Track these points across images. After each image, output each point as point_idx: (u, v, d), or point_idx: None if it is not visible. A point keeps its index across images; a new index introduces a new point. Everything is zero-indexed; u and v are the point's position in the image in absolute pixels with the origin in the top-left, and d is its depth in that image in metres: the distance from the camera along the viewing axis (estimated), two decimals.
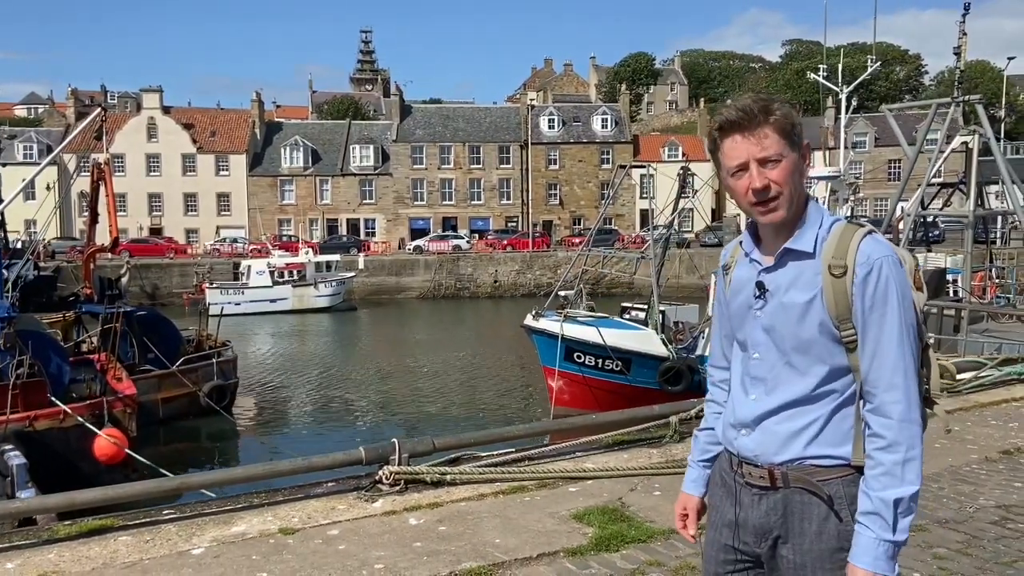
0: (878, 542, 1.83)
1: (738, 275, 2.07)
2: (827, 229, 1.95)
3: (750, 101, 1.94)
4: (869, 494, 1.85)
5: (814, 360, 1.92)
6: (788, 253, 1.96)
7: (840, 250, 1.90)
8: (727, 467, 2.08)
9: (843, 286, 1.88)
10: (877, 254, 1.88)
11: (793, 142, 1.93)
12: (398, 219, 66.96)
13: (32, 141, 62.98)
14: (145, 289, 47.19)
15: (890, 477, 1.84)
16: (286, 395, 25.09)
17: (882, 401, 1.87)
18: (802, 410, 1.94)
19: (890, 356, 1.86)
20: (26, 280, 21.09)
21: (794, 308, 1.92)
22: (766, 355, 1.97)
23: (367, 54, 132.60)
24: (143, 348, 20.59)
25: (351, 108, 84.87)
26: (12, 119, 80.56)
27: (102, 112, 22.07)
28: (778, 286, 1.96)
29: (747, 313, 2.02)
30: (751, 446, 1.99)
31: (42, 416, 14.44)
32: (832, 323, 1.90)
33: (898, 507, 1.83)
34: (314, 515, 4.63)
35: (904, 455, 1.84)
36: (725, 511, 2.08)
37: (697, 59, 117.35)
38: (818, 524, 1.92)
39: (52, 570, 3.92)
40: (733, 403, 2.08)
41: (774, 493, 1.96)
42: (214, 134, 67.43)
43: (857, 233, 1.92)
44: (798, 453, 1.93)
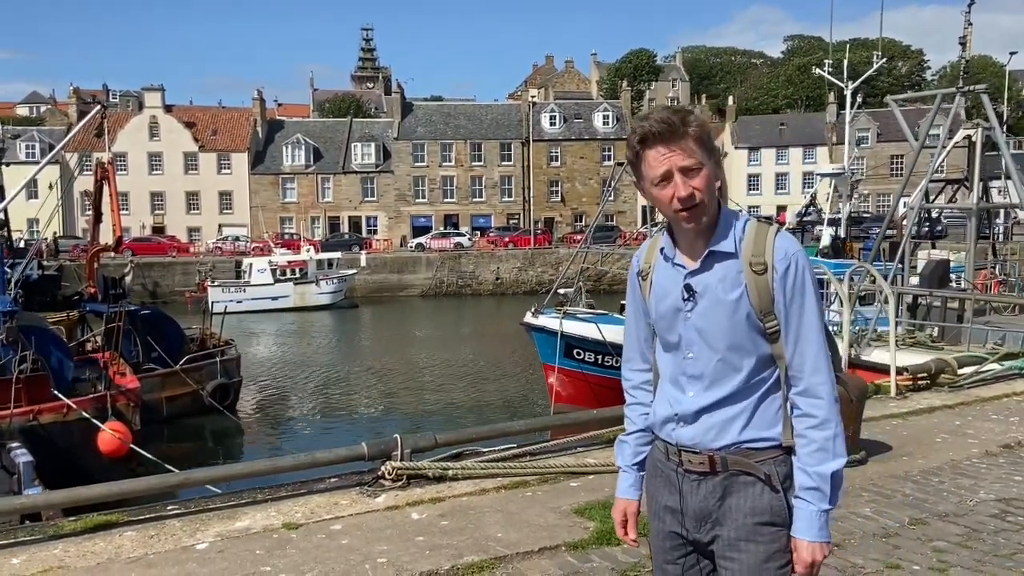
0: (818, 513, 1.98)
1: (660, 280, 2.14)
2: (742, 229, 2.07)
3: (669, 113, 2.02)
4: (807, 470, 2.00)
5: (744, 353, 2.04)
6: (712, 255, 2.06)
7: (758, 248, 2.03)
8: (662, 457, 2.16)
9: (765, 281, 2.02)
10: (792, 249, 2.03)
11: (709, 150, 2.03)
12: (400, 217, 66.97)
13: (34, 140, 62.98)
14: (147, 287, 47.26)
15: (824, 452, 1.99)
16: (289, 392, 25.13)
17: (810, 383, 2.02)
18: (738, 400, 2.05)
19: (812, 342, 2.03)
20: (30, 279, 21.10)
21: (724, 306, 2.03)
22: (700, 353, 2.06)
23: (368, 52, 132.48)
24: (147, 347, 20.66)
25: (352, 106, 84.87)
26: (14, 118, 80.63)
27: (102, 110, 22.10)
28: (706, 287, 2.05)
29: (676, 316, 2.09)
30: (690, 434, 2.08)
31: (46, 410, 14.50)
32: (757, 316, 2.03)
33: (835, 479, 1.99)
34: (317, 510, 4.66)
35: (834, 431, 2.01)
36: (665, 500, 2.15)
37: (698, 55, 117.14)
38: (752, 501, 2.03)
39: (57, 565, 3.95)
40: (668, 401, 2.14)
41: (713, 477, 2.06)
42: (216, 132, 67.44)
43: (770, 231, 2.07)
44: (734, 438, 2.04)
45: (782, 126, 73.10)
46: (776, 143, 71.59)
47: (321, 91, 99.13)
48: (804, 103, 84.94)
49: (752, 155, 71.66)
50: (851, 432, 5.42)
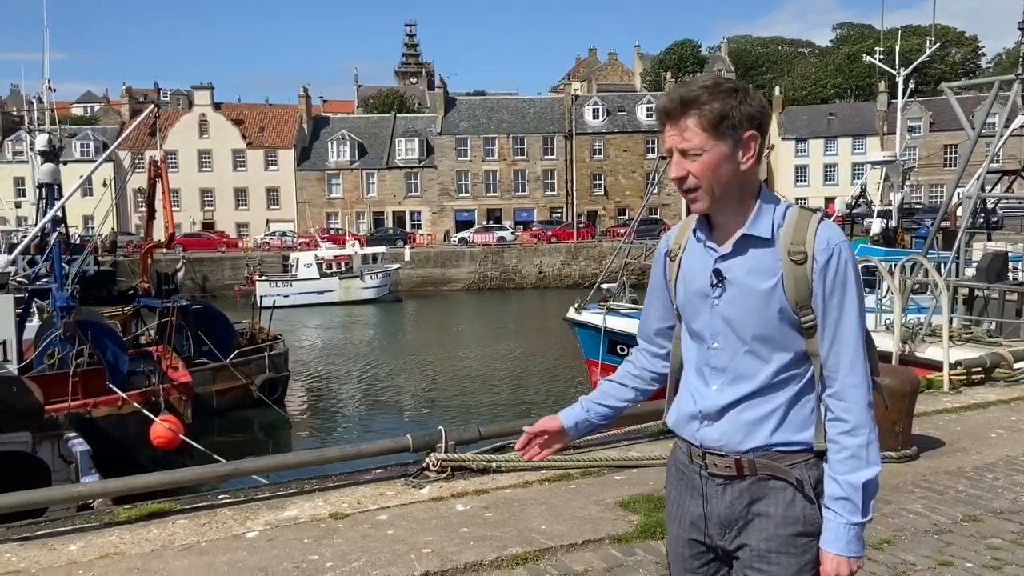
0: (848, 526, 1.84)
1: (689, 263, 2.02)
2: (781, 215, 1.93)
3: (684, 90, 1.91)
4: (837, 479, 1.86)
5: (775, 347, 1.91)
6: (746, 239, 1.93)
7: (798, 236, 1.89)
8: (685, 460, 2.03)
9: (804, 272, 1.88)
10: (835, 239, 1.89)
11: (721, 134, 1.88)
12: (443, 211, 67.34)
13: (89, 139, 64.77)
14: (197, 282, 48.30)
15: (856, 460, 1.86)
16: (335, 386, 25.49)
17: (844, 385, 1.88)
18: (766, 398, 1.92)
19: (850, 341, 1.88)
20: (86, 275, 21.71)
21: (755, 296, 1.90)
22: (726, 344, 1.94)
23: (412, 47, 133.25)
24: (198, 341, 21.14)
25: (396, 102, 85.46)
26: (69, 118, 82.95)
27: (155, 109, 22.59)
28: (736, 273, 1.92)
29: (703, 302, 1.97)
30: (715, 436, 1.95)
31: (101, 403, 14.91)
32: (792, 309, 1.89)
33: (867, 489, 1.86)
34: (363, 500, 4.73)
35: (867, 437, 1.87)
36: (688, 505, 2.03)
37: (744, 45, 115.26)
38: (784, 508, 1.90)
39: (113, 551, 4.07)
40: (691, 394, 2.02)
41: (740, 482, 1.93)
42: (263, 130, 68.57)
43: (813, 219, 1.92)
44: (764, 440, 1.91)
45: (831, 116, 71.64)
46: (824, 133, 70.20)
47: (365, 87, 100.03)
48: (854, 92, 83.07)
49: (799, 146, 70.40)
50: (902, 428, 5.31)
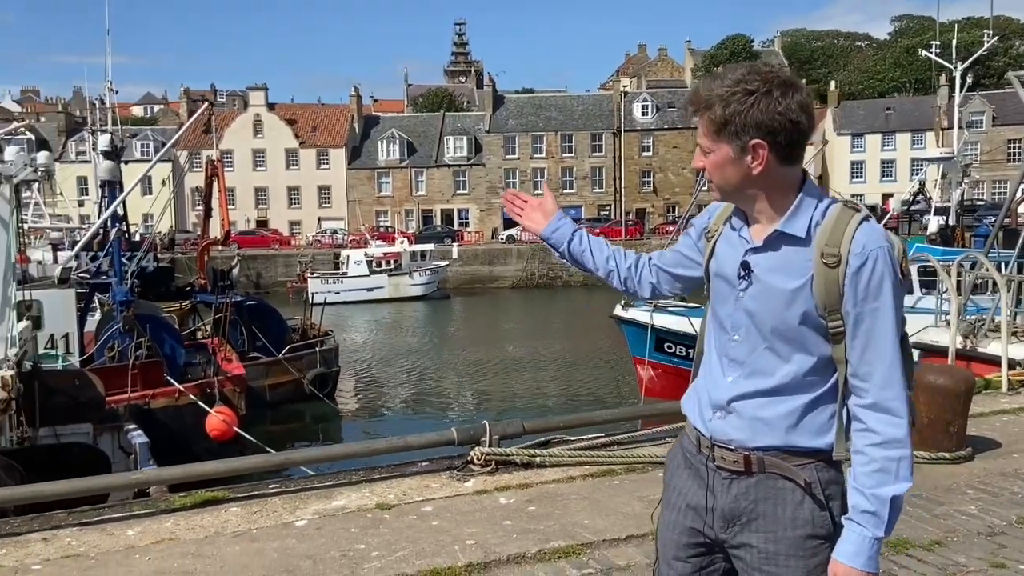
0: (872, 541, 1.78)
1: (723, 249, 1.98)
2: (822, 213, 1.86)
3: (701, 88, 1.89)
4: (863, 491, 1.79)
5: (797, 348, 1.86)
6: (780, 236, 1.87)
7: (835, 237, 1.81)
8: (693, 450, 2.00)
9: (836, 276, 1.80)
10: (873, 244, 1.80)
11: (724, 138, 1.85)
12: (491, 209, 67.57)
13: (148, 139, 66.65)
14: (251, 279, 49.32)
15: (885, 474, 1.79)
16: (383, 380, 25.81)
17: (880, 398, 1.80)
18: (781, 398, 1.88)
19: (886, 352, 1.80)
20: (146, 270, 22.37)
21: (781, 294, 1.84)
22: (747, 338, 1.90)
23: (461, 46, 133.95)
24: (252, 336, 21.63)
25: (445, 100, 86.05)
26: (130, 119, 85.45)
27: (209, 107, 23.18)
28: (764, 269, 1.87)
29: (730, 292, 1.94)
30: (726, 430, 1.91)
31: (159, 395, 15.34)
32: (819, 313, 1.82)
33: (894, 504, 1.79)
34: (409, 492, 4.80)
35: (900, 452, 1.79)
36: (690, 494, 2.00)
37: (799, 39, 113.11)
38: (792, 510, 1.86)
39: (169, 537, 4.21)
40: (707, 382, 1.99)
41: (747, 478, 1.89)
42: (315, 129, 69.70)
43: (853, 219, 1.83)
44: (775, 440, 1.87)
45: (888, 111, 69.83)
46: (882, 128, 68.46)
47: (415, 86, 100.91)
48: (913, 86, 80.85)
49: (856, 141, 68.80)
50: (956, 428, 5.19)
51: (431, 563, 3.79)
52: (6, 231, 11.01)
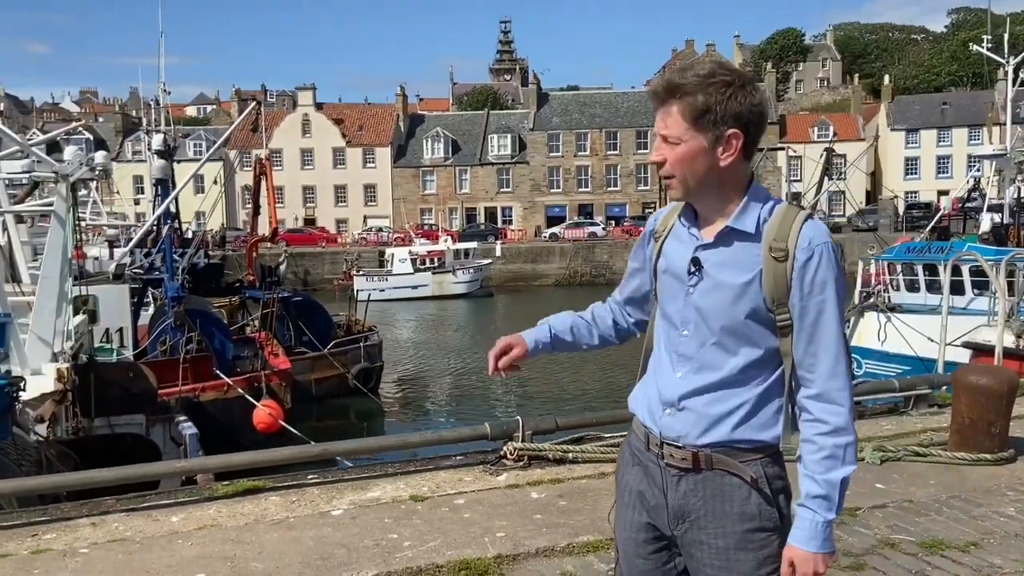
0: (824, 524, 1.84)
1: (671, 247, 2.01)
2: (769, 210, 1.90)
3: (673, 76, 1.88)
4: (814, 477, 1.85)
5: (744, 342, 1.89)
6: (730, 232, 1.90)
7: (782, 233, 1.86)
8: (641, 447, 2.02)
9: (783, 269, 1.85)
10: (818, 240, 1.85)
11: (701, 127, 1.86)
12: (534, 207, 67.59)
13: (201, 139, 68.21)
14: (299, 276, 50.13)
15: (833, 460, 1.85)
16: (426, 376, 26.07)
17: (826, 388, 1.86)
18: (729, 392, 1.91)
19: (831, 344, 1.86)
20: (196, 267, 22.92)
21: (730, 289, 1.88)
22: (696, 333, 1.93)
23: (506, 44, 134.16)
24: (298, 331, 22.02)
25: (489, 98, 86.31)
26: (183, 119, 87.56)
27: (257, 106, 23.63)
28: (714, 264, 1.91)
29: (679, 289, 1.96)
30: (675, 426, 1.94)
31: (208, 388, 15.73)
32: (768, 306, 1.87)
33: (843, 487, 1.86)
34: (442, 485, 4.88)
35: (847, 439, 1.86)
36: (641, 491, 2.02)
37: (852, 33, 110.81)
38: (739, 505, 1.90)
39: (211, 523, 4.35)
40: (657, 379, 2.02)
41: (695, 474, 1.92)
42: (362, 128, 70.54)
43: (799, 216, 1.89)
44: (723, 436, 1.90)
45: (944, 105, 67.99)
46: (937, 124, 66.70)
47: (460, 85, 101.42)
48: (970, 80, 78.58)
49: (910, 137, 67.14)
50: (999, 429, 5.08)
51: (461, 554, 3.86)
52: (63, 228, 11.42)
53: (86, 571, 3.76)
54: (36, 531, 4.30)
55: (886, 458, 5.15)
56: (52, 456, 7.76)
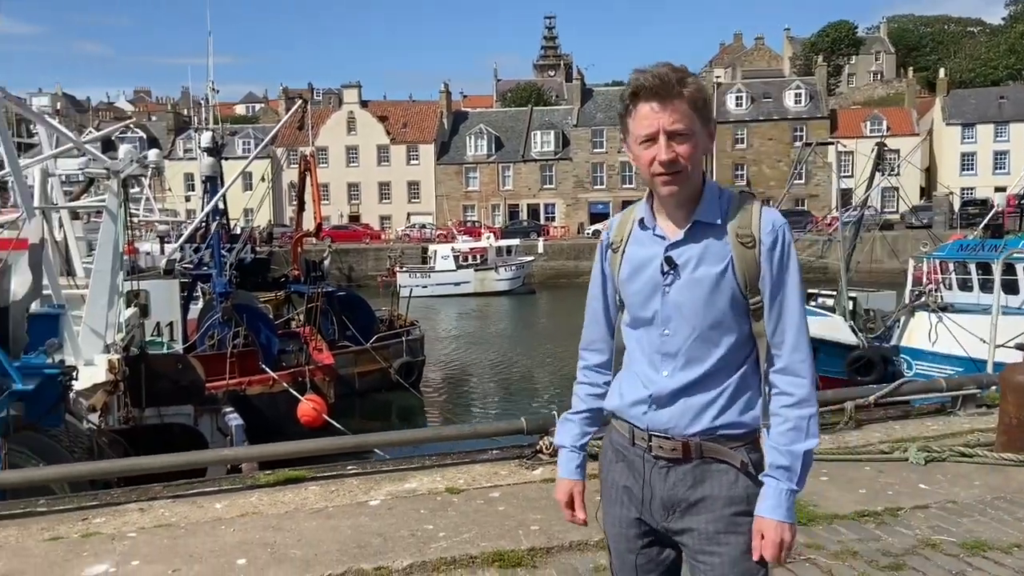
0: (788, 493, 1.90)
1: (636, 253, 2.02)
2: (727, 200, 1.97)
3: (667, 69, 1.89)
4: (779, 448, 1.91)
5: (723, 331, 1.94)
6: (697, 225, 1.95)
7: (744, 220, 1.93)
8: (625, 443, 2.03)
9: (752, 255, 1.92)
10: (779, 223, 1.95)
11: (703, 117, 1.92)
12: (577, 203, 67.37)
13: (249, 137, 69.38)
14: (344, 272, 50.73)
15: (797, 432, 1.91)
16: (466, 371, 26.22)
17: (791, 361, 1.93)
18: (714, 381, 1.95)
19: (794, 319, 1.94)
20: (244, 262, 23.37)
21: (706, 281, 1.92)
22: (677, 330, 1.95)
23: (550, 40, 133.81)
24: (342, 325, 22.33)
25: (533, 95, 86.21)
26: (232, 117, 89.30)
27: (303, 104, 23.99)
28: (687, 260, 1.94)
29: (655, 290, 1.97)
30: (664, 419, 1.96)
31: (254, 382, 16.04)
32: (741, 292, 1.92)
33: (806, 459, 1.92)
34: (478, 478, 4.93)
35: (810, 410, 1.93)
36: (627, 486, 2.03)
37: (906, 25, 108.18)
38: (727, 489, 1.94)
39: (252, 511, 4.47)
40: (640, 381, 2.01)
41: (684, 464, 1.95)
42: (406, 125, 71.06)
43: (755, 203, 1.98)
44: (710, 423, 1.94)
45: (1002, 99, 65.91)
46: (995, 118, 64.68)
47: (504, 81, 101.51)
48: None
49: (966, 132, 65.22)
50: None
51: (495, 545, 3.89)
52: (115, 223, 11.76)
53: (133, 554, 3.89)
54: (86, 515, 4.46)
55: (931, 458, 5.05)
56: (103, 444, 8.00)
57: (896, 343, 17.91)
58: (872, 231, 26.45)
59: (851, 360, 17.54)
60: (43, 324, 7.41)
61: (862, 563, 3.68)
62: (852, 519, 4.20)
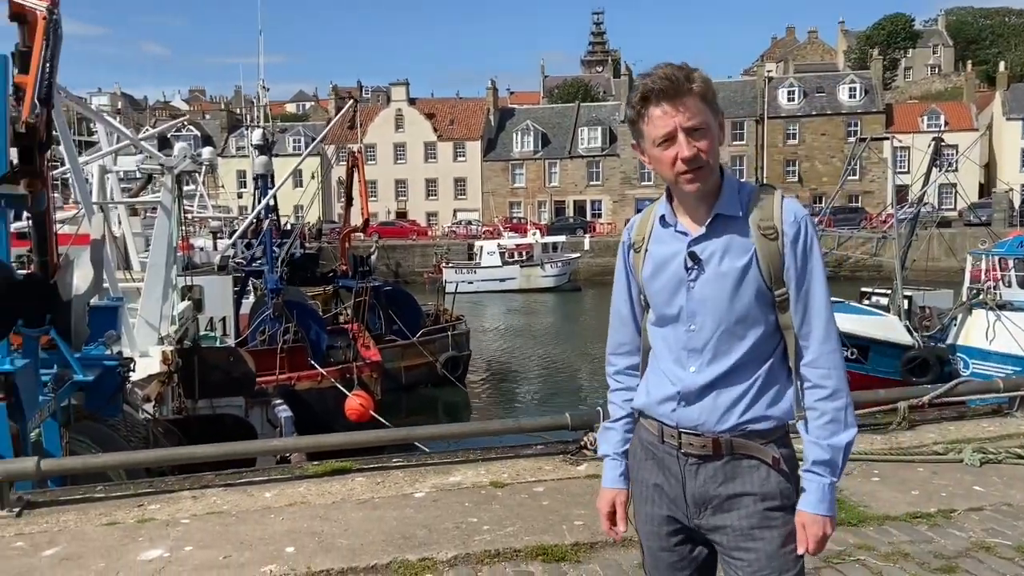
0: (830, 487, 1.90)
1: (658, 251, 2.01)
2: (747, 193, 1.97)
3: (673, 69, 1.89)
4: (819, 442, 1.91)
5: (750, 324, 1.93)
6: (719, 219, 1.94)
7: (766, 212, 1.93)
8: (655, 440, 2.02)
9: (776, 247, 1.91)
10: (801, 213, 1.95)
11: (714, 110, 1.92)
12: (624, 200, 66.90)
13: (300, 135, 70.54)
14: (391, 268, 51.27)
15: (836, 424, 1.91)
16: (511, 366, 26.30)
17: (820, 353, 1.93)
18: (742, 376, 1.94)
19: (821, 310, 1.94)
20: (294, 258, 23.79)
21: (730, 275, 1.92)
22: (704, 324, 1.94)
23: (598, 35, 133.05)
24: (388, 320, 22.60)
25: (580, 91, 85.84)
26: (283, 115, 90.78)
27: (354, 104, 24.33)
28: (711, 254, 1.93)
29: (678, 286, 1.97)
30: (693, 415, 1.95)
31: (303, 377, 16.31)
32: (767, 285, 1.92)
33: (846, 451, 1.92)
34: (522, 473, 4.94)
35: (845, 401, 1.93)
36: (658, 484, 2.03)
37: (965, 18, 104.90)
38: (759, 485, 1.93)
39: (300, 501, 4.55)
40: (667, 379, 2.00)
41: (715, 461, 1.95)
42: (453, 123, 71.43)
43: (776, 194, 1.96)
44: (740, 419, 1.93)
45: None
46: None
47: (551, 77, 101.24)
48: None
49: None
50: None
51: (539, 540, 3.90)
52: (169, 218, 12.07)
53: (186, 540, 4.00)
54: (142, 501, 4.60)
55: (986, 460, 4.92)
56: (159, 433, 8.23)
57: (952, 342, 17.47)
58: (928, 228, 25.76)
59: (906, 360, 17.14)
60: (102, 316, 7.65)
61: (913, 565, 3.60)
62: (904, 520, 4.11)
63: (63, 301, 5.99)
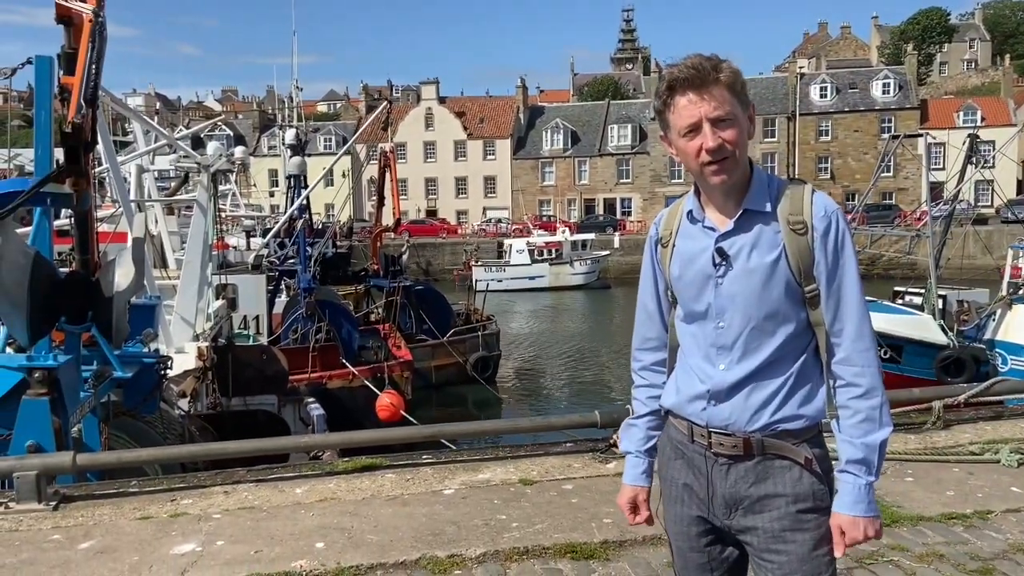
0: (867, 487, 1.86)
1: (686, 246, 1.98)
2: (776, 187, 1.93)
3: (700, 59, 1.85)
4: (853, 441, 1.87)
5: (780, 321, 1.89)
6: (747, 214, 1.90)
7: (795, 207, 1.89)
8: (684, 440, 1.99)
9: (806, 242, 1.87)
10: (831, 207, 1.91)
11: (743, 102, 1.88)
12: (654, 198, 66.48)
13: (331, 134, 71.13)
14: (421, 266, 51.51)
15: (871, 422, 1.87)
16: (541, 366, 26.28)
17: (854, 350, 1.88)
18: (773, 373, 1.90)
19: (854, 306, 1.89)
20: (325, 256, 24.01)
21: (759, 270, 1.88)
22: (732, 321, 1.90)
23: (628, 32, 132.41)
24: (419, 319, 22.70)
25: (610, 88, 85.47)
26: (315, 114, 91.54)
27: (388, 105, 24.50)
28: (739, 249, 1.90)
29: (706, 282, 1.93)
30: (724, 415, 1.91)
31: (335, 376, 16.45)
32: (796, 280, 1.88)
33: (882, 449, 1.87)
34: (551, 470, 4.94)
35: (880, 399, 1.88)
36: (687, 484, 1.99)
37: (1003, 11, 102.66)
38: (792, 486, 1.89)
39: (331, 496, 4.59)
40: (696, 376, 1.97)
41: (746, 461, 1.91)
42: (482, 121, 71.53)
43: (806, 189, 1.93)
44: (771, 418, 1.89)
45: None
46: None
47: (581, 75, 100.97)
48: None
49: None
50: None
51: (568, 537, 3.90)
52: (204, 216, 12.25)
53: (218, 534, 4.05)
54: (175, 496, 4.67)
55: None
56: (194, 430, 8.35)
57: (991, 337, 17.16)
58: (964, 226, 25.28)
59: (940, 360, 16.86)
60: (140, 314, 7.78)
61: (948, 566, 3.55)
62: (938, 521, 4.05)
63: (105, 298, 6.10)
